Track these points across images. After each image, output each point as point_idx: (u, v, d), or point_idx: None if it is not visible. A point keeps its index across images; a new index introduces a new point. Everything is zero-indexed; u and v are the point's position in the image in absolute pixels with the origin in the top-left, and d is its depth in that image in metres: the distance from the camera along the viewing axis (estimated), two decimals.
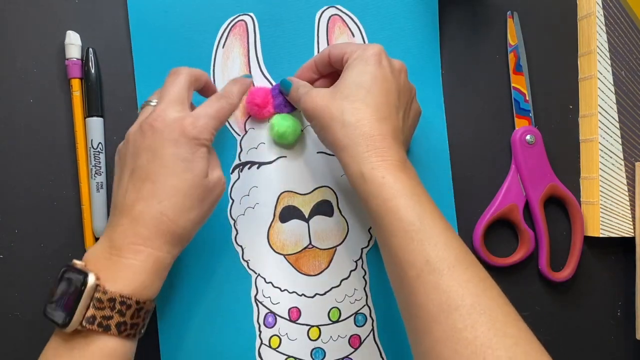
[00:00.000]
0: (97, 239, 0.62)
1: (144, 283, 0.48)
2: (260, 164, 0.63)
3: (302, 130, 0.63)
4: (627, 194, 0.66)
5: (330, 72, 0.60)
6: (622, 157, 0.65)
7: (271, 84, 0.63)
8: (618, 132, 0.65)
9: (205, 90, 0.59)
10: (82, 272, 0.47)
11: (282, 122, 0.61)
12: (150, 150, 0.50)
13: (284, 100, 0.62)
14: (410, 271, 0.47)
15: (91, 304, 0.46)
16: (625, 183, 0.66)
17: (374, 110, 0.52)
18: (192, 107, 0.55)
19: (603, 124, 0.65)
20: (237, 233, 0.63)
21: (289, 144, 0.63)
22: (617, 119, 0.65)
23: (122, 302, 0.47)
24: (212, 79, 0.63)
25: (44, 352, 0.48)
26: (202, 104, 0.53)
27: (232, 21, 0.63)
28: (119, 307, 0.47)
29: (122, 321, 0.47)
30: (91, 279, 0.46)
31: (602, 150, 0.65)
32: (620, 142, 0.65)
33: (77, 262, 0.48)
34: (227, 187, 0.62)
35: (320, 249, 0.63)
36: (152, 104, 0.55)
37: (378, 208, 0.49)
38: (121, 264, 0.48)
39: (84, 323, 0.46)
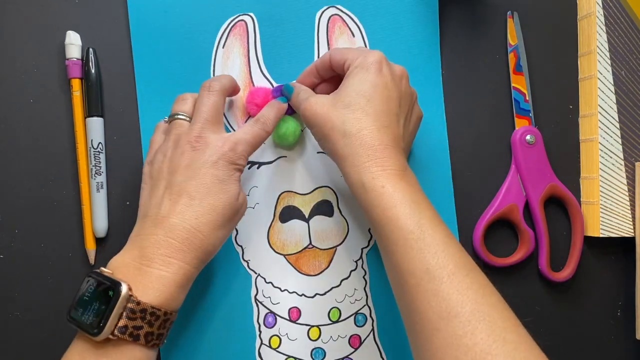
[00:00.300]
0: (97, 239, 0.62)
1: (172, 295, 0.49)
2: (260, 164, 0.63)
3: (302, 131, 0.63)
4: (627, 194, 0.66)
5: (332, 77, 0.60)
6: (622, 157, 0.65)
7: (271, 84, 0.63)
8: (618, 132, 0.65)
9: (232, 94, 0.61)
10: (113, 281, 0.47)
11: (282, 124, 0.61)
12: (190, 168, 0.52)
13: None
14: (411, 279, 0.47)
15: (124, 314, 0.47)
16: (625, 183, 0.66)
17: (374, 120, 0.52)
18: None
19: (603, 124, 0.65)
20: (237, 233, 0.63)
21: (289, 145, 0.63)
22: (617, 119, 0.65)
23: (152, 313, 0.48)
24: None
25: (68, 355, 0.49)
26: (240, 129, 0.55)
27: (232, 21, 0.63)
28: (149, 318, 0.48)
29: (151, 331, 0.48)
30: (124, 289, 0.47)
31: (602, 150, 0.65)
32: (620, 142, 0.65)
33: (105, 270, 0.49)
34: None
35: (321, 249, 0.63)
36: (180, 117, 0.56)
37: (378, 217, 0.50)
38: (152, 274, 0.49)
39: (115, 332, 0.46)
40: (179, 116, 0.56)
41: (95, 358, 0.47)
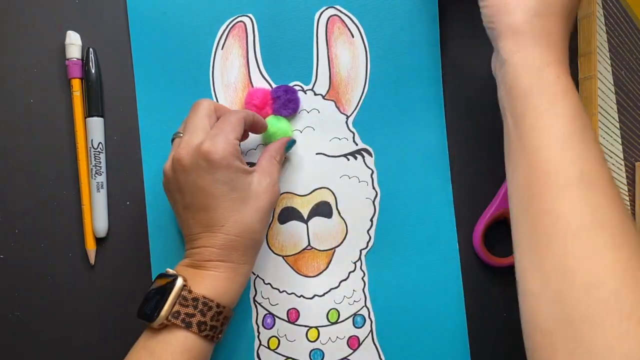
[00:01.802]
0: (97, 239, 0.62)
1: (224, 288, 0.53)
2: None
3: (293, 132, 0.63)
4: (627, 194, 0.66)
5: None
6: (622, 157, 0.65)
7: (270, 85, 0.63)
8: (618, 132, 0.65)
9: (254, 127, 0.60)
10: (172, 276, 0.53)
11: (274, 123, 0.62)
12: (189, 184, 0.53)
13: (284, 102, 0.62)
14: (559, 180, 0.45)
15: (177, 301, 0.51)
16: (626, 183, 0.66)
17: (561, 15, 0.50)
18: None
19: (603, 124, 0.65)
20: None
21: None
22: (617, 119, 0.65)
23: (205, 302, 0.52)
24: (211, 80, 0.63)
25: (135, 346, 0.53)
26: (216, 124, 0.55)
27: (231, 22, 0.63)
28: (201, 307, 0.52)
29: (203, 321, 0.52)
30: (179, 281, 0.52)
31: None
32: (620, 142, 0.65)
33: (169, 270, 0.54)
34: None
35: (319, 250, 0.63)
36: (181, 135, 0.56)
37: (541, 106, 0.47)
38: (205, 274, 0.53)
39: (169, 318, 0.51)
40: (179, 135, 0.57)
41: (155, 342, 0.52)
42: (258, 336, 0.62)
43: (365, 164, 0.64)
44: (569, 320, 0.41)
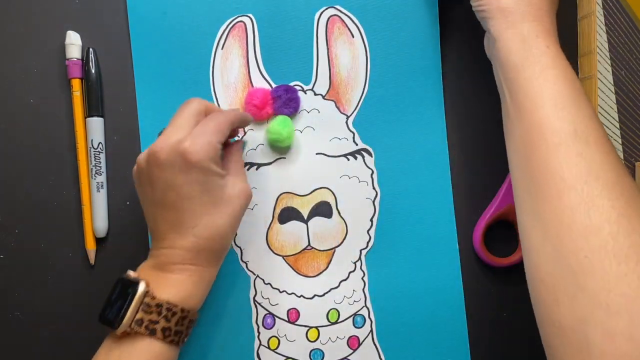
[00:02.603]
0: (97, 239, 0.62)
1: (189, 292, 0.52)
2: (259, 165, 0.63)
3: (296, 131, 0.63)
4: None
5: None
6: (622, 157, 0.65)
7: (270, 85, 0.63)
8: (618, 132, 0.65)
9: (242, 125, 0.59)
10: (134, 281, 0.51)
11: (276, 128, 0.61)
12: (162, 181, 0.52)
13: (285, 101, 0.62)
14: (553, 137, 0.47)
15: (140, 308, 0.50)
16: None
17: None
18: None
19: (603, 124, 0.65)
20: (236, 234, 0.63)
21: (284, 147, 0.63)
22: (617, 119, 0.65)
23: (169, 308, 0.50)
24: (211, 80, 0.63)
25: (97, 353, 0.52)
26: (202, 121, 0.54)
27: (231, 22, 0.63)
28: (165, 313, 0.50)
29: (167, 327, 0.50)
30: (142, 287, 0.50)
31: None
32: (620, 142, 0.65)
33: (131, 273, 0.53)
34: None
35: (319, 250, 0.63)
36: None
37: (533, 75, 0.50)
38: (169, 278, 0.52)
39: (132, 325, 0.50)
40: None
41: (118, 352, 0.50)
42: (258, 336, 0.62)
43: (365, 164, 0.64)
44: (570, 270, 0.43)
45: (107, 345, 0.52)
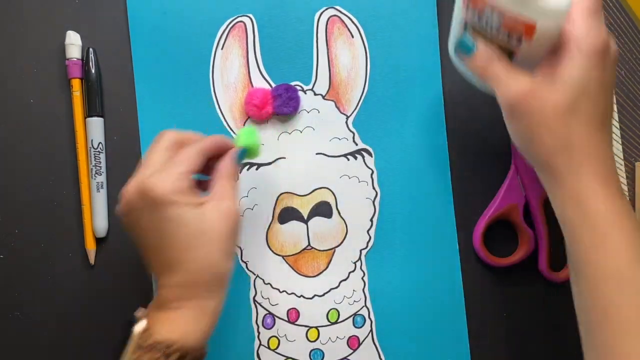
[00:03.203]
0: (97, 239, 0.62)
1: (189, 328, 0.50)
2: (259, 165, 0.63)
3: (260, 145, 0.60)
4: (627, 194, 0.66)
5: None
6: (622, 157, 0.65)
7: (270, 85, 0.64)
8: (618, 132, 0.65)
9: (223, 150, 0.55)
10: (134, 320, 0.50)
11: (243, 138, 0.57)
12: (137, 225, 0.51)
13: (285, 100, 0.62)
14: (620, 322, 0.46)
15: (137, 348, 0.48)
16: (626, 183, 0.66)
17: (599, 126, 0.48)
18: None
19: None
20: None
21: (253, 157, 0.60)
22: (617, 119, 0.65)
23: (168, 346, 0.48)
24: (210, 80, 0.63)
25: None
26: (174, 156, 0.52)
27: (231, 22, 0.63)
28: (164, 351, 0.48)
29: None
30: (138, 326, 0.49)
31: None
32: (620, 142, 0.65)
33: (139, 312, 0.51)
34: None
35: (319, 250, 0.63)
36: None
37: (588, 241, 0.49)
38: (169, 315, 0.50)
39: None
40: None
41: None
42: (258, 336, 0.62)
43: (365, 164, 0.64)
44: None
45: None
